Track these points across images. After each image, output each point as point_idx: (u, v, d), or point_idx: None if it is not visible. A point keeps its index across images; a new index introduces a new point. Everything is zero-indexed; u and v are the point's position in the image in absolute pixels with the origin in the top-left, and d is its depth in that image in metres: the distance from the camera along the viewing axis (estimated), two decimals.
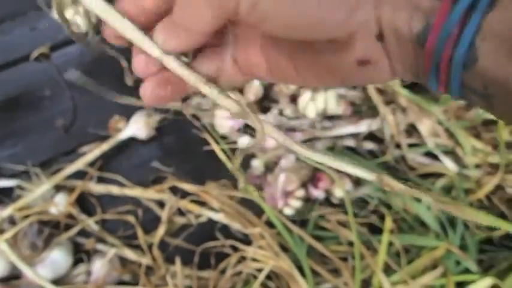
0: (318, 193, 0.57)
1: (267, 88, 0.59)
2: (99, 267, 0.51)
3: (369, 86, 0.55)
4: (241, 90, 0.59)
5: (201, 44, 0.22)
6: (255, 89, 0.57)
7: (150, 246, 0.55)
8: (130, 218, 0.56)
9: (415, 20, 0.19)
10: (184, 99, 0.60)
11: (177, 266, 0.52)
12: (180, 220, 0.57)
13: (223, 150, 0.59)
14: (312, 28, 0.20)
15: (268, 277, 0.54)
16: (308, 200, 0.58)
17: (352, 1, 0.19)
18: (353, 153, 0.60)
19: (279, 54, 0.24)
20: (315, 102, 0.54)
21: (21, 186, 0.54)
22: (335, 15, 0.19)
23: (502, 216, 0.60)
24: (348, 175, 0.58)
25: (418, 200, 0.57)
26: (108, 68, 0.60)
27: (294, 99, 0.58)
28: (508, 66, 0.17)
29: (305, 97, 0.54)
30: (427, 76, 0.20)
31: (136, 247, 0.56)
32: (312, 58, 0.23)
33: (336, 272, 0.55)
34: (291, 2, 0.19)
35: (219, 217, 0.56)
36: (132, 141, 0.58)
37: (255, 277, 0.53)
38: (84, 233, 0.55)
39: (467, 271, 0.56)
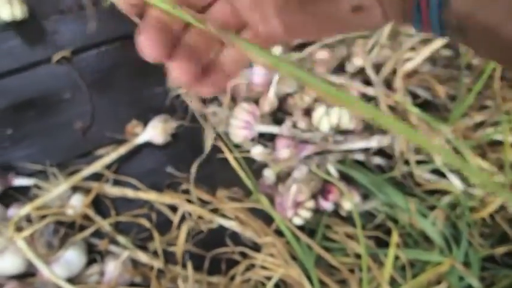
0: (327, 205, 0.59)
1: (282, 100, 0.61)
2: (112, 268, 0.52)
3: (381, 103, 0.57)
4: (256, 101, 0.60)
5: None
6: (270, 101, 0.59)
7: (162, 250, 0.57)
8: (144, 221, 0.57)
9: None
10: (202, 104, 0.61)
11: (189, 270, 0.53)
12: (191, 225, 0.58)
13: (236, 158, 0.60)
14: None
15: (277, 285, 0.55)
16: (317, 211, 0.60)
17: None
18: (362, 167, 0.61)
19: (287, 9, 0.25)
20: (329, 117, 0.55)
21: (38, 185, 0.56)
22: None
23: (504, 234, 0.61)
24: (356, 188, 0.60)
25: (424, 216, 0.58)
26: (126, 72, 0.62)
27: (307, 112, 0.60)
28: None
29: (319, 111, 0.56)
30: (412, 17, 0.23)
31: (146, 249, 0.57)
32: (312, 9, 0.24)
33: (342, 283, 0.57)
34: None
35: (230, 224, 0.58)
36: (147, 145, 0.60)
37: (264, 284, 0.54)
38: (97, 233, 0.56)
39: (470, 287, 0.57)
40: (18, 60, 0.60)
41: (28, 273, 0.51)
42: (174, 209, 0.58)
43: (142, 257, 0.55)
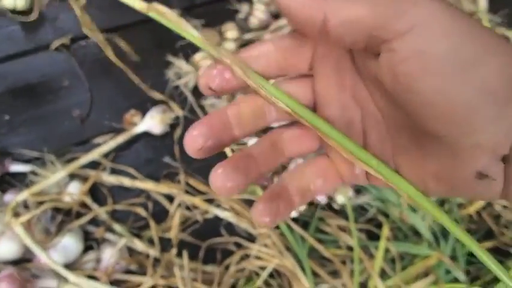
0: (320, 198, 0.60)
1: None
2: (108, 255, 0.53)
3: None
4: None
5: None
6: None
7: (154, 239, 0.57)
8: (140, 210, 0.57)
9: None
10: (198, 98, 0.62)
11: (184, 259, 0.54)
12: (186, 215, 0.59)
13: (232, 150, 0.61)
14: (462, 115, 0.18)
15: (270, 275, 0.56)
16: (311, 204, 0.61)
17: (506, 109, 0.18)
18: None
19: (389, 143, 0.23)
20: None
21: (35, 172, 0.56)
22: (486, 113, 0.18)
23: (490, 231, 0.64)
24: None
25: (414, 211, 0.60)
26: (125, 61, 0.62)
27: None
28: None
29: None
30: None
31: (142, 238, 0.58)
32: (421, 159, 0.22)
33: (333, 274, 0.58)
34: (456, 83, 0.18)
35: (225, 215, 0.59)
36: (145, 135, 0.60)
37: (258, 274, 0.56)
38: (93, 221, 0.57)
39: (456, 280, 0.59)
40: (17, 46, 0.60)
41: (24, 259, 0.52)
42: (170, 198, 0.59)
43: (139, 245, 0.55)
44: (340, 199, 0.60)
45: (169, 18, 0.24)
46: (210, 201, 0.59)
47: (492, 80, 0.17)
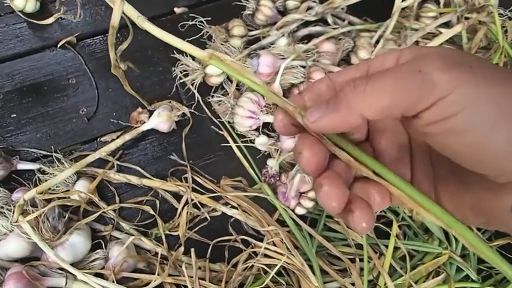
0: None
1: (287, 90, 0.61)
2: (116, 253, 0.52)
3: None
4: None
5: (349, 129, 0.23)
6: (275, 91, 0.59)
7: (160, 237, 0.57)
8: (148, 208, 0.57)
9: None
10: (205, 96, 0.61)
11: (192, 257, 0.54)
12: (194, 213, 0.58)
13: (240, 148, 0.61)
14: (495, 162, 0.19)
15: (279, 273, 0.55)
16: None
17: None
18: None
19: (432, 174, 0.24)
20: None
21: (42, 170, 0.56)
22: None
23: None
24: None
25: None
26: (132, 59, 0.62)
27: None
28: None
29: None
30: None
31: (149, 236, 0.58)
32: (460, 190, 0.23)
33: (342, 272, 0.57)
34: (490, 128, 0.19)
35: (233, 212, 0.58)
36: (152, 132, 0.60)
37: (266, 272, 0.55)
38: (101, 219, 0.56)
39: (467, 279, 0.58)
40: (25, 44, 0.60)
41: (32, 257, 0.52)
42: (177, 196, 0.59)
43: (147, 243, 0.55)
44: None
45: (230, 65, 0.25)
46: (217, 198, 0.59)
47: None
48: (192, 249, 0.55)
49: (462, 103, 0.19)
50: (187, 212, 0.57)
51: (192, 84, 0.60)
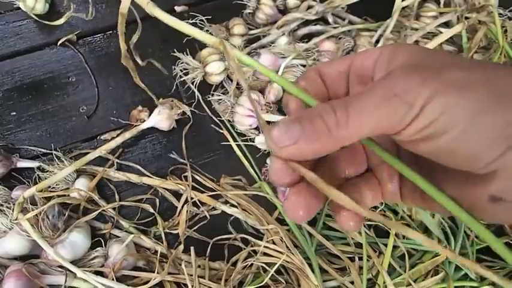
0: None
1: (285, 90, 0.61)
2: (116, 251, 0.52)
3: None
4: (261, 90, 0.61)
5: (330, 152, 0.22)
6: (275, 90, 0.59)
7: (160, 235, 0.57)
8: (147, 206, 0.57)
9: None
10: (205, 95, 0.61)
11: (192, 256, 0.54)
12: (194, 211, 0.58)
13: (240, 146, 0.61)
14: (470, 159, 0.20)
15: (278, 271, 0.56)
16: None
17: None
18: None
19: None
20: None
21: (42, 168, 0.56)
22: (494, 150, 0.20)
23: (500, 228, 0.63)
24: None
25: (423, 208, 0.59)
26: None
27: None
28: None
29: None
30: None
31: (149, 234, 0.58)
32: (440, 185, 0.23)
33: (341, 270, 0.58)
34: (463, 131, 0.20)
35: (232, 211, 0.58)
36: (152, 131, 0.60)
37: (265, 271, 0.55)
38: (100, 217, 0.56)
39: (465, 278, 0.58)
40: (25, 42, 0.60)
41: (32, 255, 0.52)
42: (177, 194, 0.59)
43: (146, 241, 0.55)
44: None
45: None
46: (217, 197, 0.59)
47: (494, 126, 0.19)
48: (192, 248, 0.55)
49: (435, 114, 0.20)
50: (187, 211, 0.57)
51: (193, 83, 0.60)
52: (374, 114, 0.20)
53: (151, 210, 0.57)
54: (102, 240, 0.55)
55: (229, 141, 0.61)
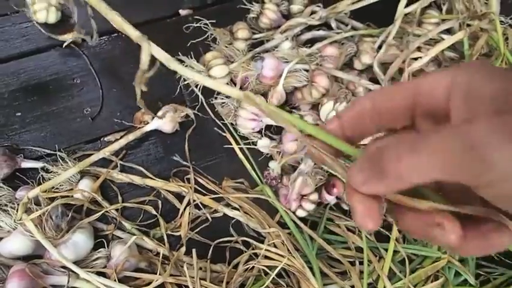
0: (330, 198, 0.60)
1: (290, 94, 0.62)
2: (118, 253, 0.53)
3: None
4: (264, 94, 0.61)
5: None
6: (278, 94, 0.60)
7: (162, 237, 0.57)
8: (150, 208, 0.57)
9: None
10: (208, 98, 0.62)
11: (194, 258, 0.54)
12: (196, 213, 0.59)
13: (242, 150, 0.61)
14: None
15: (279, 274, 0.56)
16: (320, 204, 0.61)
17: None
18: None
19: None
20: (336, 112, 0.56)
21: (46, 168, 0.56)
22: None
23: None
24: None
25: None
26: (137, 59, 0.63)
27: (315, 106, 0.61)
28: None
29: (327, 106, 0.57)
30: None
31: (151, 236, 0.58)
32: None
33: (342, 274, 0.58)
34: None
35: (234, 214, 0.59)
36: (155, 133, 0.60)
37: (266, 274, 0.55)
38: (103, 218, 0.57)
39: (465, 283, 0.59)
40: (31, 43, 0.60)
41: (35, 255, 0.52)
42: (180, 197, 0.59)
43: (149, 243, 0.55)
44: None
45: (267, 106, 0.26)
46: (219, 200, 0.59)
47: None
48: (194, 250, 0.55)
49: (510, 169, 0.18)
50: (189, 213, 0.57)
51: (196, 86, 0.61)
52: (445, 161, 0.19)
53: (154, 212, 0.57)
54: (105, 241, 0.55)
55: (231, 144, 0.61)
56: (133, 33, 0.27)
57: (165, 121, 0.59)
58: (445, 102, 0.23)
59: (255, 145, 0.61)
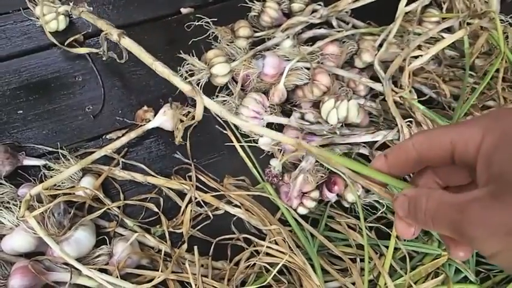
0: (331, 196, 0.60)
1: (291, 92, 0.62)
2: (120, 249, 0.53)
3: (388, 99, 0.58)
4: (265, 92, 0.61)
5: None
6: (279, 92, 0.60)
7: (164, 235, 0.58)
8: (152, 206, 0.58)
9: None
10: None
11: (196, 255, 0.54)
12: (197, 211, 0.59)
13: (243, 147, 0.61)
14: None
15: (280, 271, 0.56)
16: (320, 201, 0.61)
17: None
18: (366, 160, 0.63)
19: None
20: (337, 110, 0.57)
21: (48, 166, 0.56)
22: None
23: None
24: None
25: None
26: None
27: (316, 104, 0.61)
28: None
29: (329, 104, 0.57)
30: None
31: (153, 233, 0.58)
32: None
33: (343, 271, 0.58)
34: None
35: (235, 211, 0.59)
36: (157, 131, 0.61)
37: (268, 271, 0.56)
38: (105, 215, 0.57)
39: (465, 280, 0.59)
40: (32, 41, 0.60)
41: (38, 252, 0.52)
42: (181, 194, 0.59)
43: (150, 240, 0.56)
44: (350, 197, 0.60)
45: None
46: (220, 197, 0.59)
47: None
48: (195, 247, 0.55)
49: None
50: (190, 210, 0.57)
51: (198, 84, 0.61)
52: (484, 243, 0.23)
53: (156, 210, 0.58)
54: (107, 239, 0.55)
55: (233, 142, 0.61)
56: (185, 87, 0.29)
57: (167, 119, 0.59)
58: (475, 162, 0.25)
59: (256, 143, 0.61)
